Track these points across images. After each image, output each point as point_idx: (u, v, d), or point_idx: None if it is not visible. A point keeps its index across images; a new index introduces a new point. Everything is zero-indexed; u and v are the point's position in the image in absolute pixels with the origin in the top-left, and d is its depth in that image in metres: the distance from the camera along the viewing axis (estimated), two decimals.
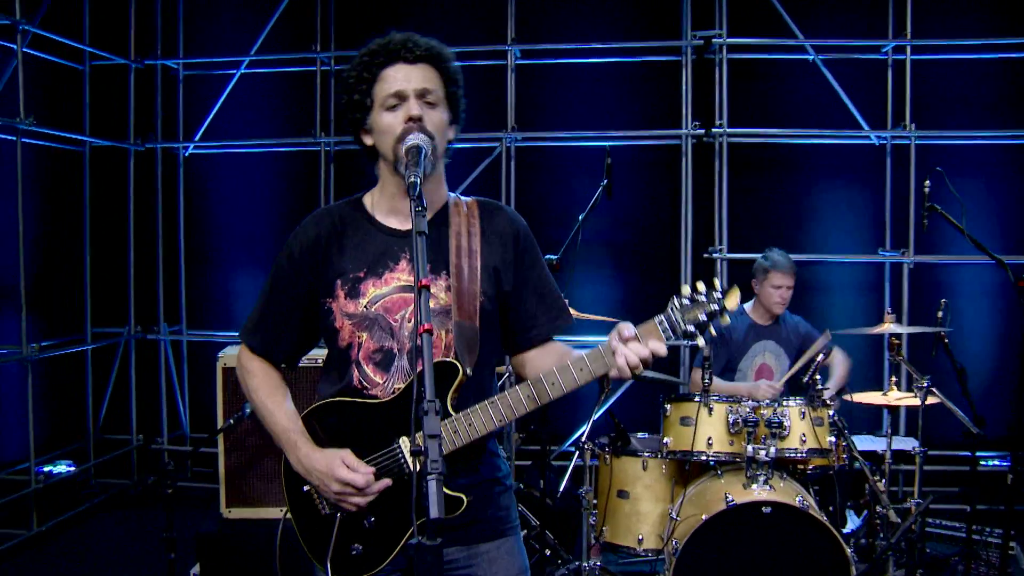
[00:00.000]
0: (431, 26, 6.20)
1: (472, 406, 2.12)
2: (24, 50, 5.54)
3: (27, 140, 5.56)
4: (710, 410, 4.14)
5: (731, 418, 4.09)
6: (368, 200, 2.32)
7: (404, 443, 2.13)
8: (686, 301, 2.07)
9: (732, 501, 3.79)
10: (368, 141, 2.25)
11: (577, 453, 4.42)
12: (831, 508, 4.42)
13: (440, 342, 2.19)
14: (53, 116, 5.98)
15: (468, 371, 2.16)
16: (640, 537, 4.39)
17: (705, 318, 2.05)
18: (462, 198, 2.36)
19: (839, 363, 4.95)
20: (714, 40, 5.88)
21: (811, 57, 5.89)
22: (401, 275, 2.22)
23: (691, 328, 2.05)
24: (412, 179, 2.00)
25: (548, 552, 4.71)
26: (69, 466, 6.12)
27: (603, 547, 4.58)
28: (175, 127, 6.67)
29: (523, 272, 2.31)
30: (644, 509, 4.42)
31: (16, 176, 5.34)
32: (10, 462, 5.62)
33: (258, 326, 2.34)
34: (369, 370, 2.21)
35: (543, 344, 2.34)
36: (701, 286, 2.08)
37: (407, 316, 2.20)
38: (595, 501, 4.54)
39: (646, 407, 5.38)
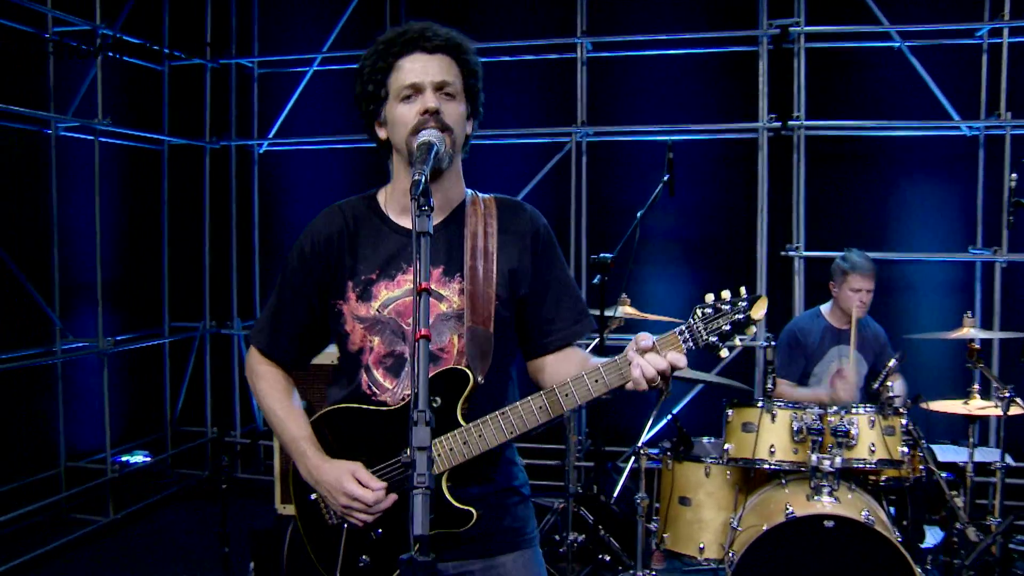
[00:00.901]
0: (500, 20, 6.24)
1: (484, 416, 2.02)
2: (108, 53, 5.73)
3: (105, 140, 5.74)
4: (773, 416, 3.95)
5: (795, 425, 3.89)
6: (382, 196, 2.24)
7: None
8: (709, 310, 1.95)
9: (792, 513, 3.60)
10: (382, 134, 2.17)
11: (633, 458, 4.26)
12: (905, 523, 4.18)
13: (452, 348, 2.10)
14: (133, 116, 6.16)
15: (480, 379, 2.06)
16: (701, 546, 4.23)
17: (729, 328, 1.92)
18: (480, 195, 2.26)
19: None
20: (791, 29, 5.62)
21: (897, 44, 5.56)
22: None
23: (714, 339, 1.93)
24: (416, 177, 1.88)
25: (608, 558, 4.60)
26: (146, 456, 6.30)
27: (664, 555, 4.45)
28: (250, 125, 6.79)
29: (541, 275, 2.20)
30: (706, 517, 4.25)
31: (94, 175, 5.52)
32: (89, 451, 5.80)
33: (267, 327, 2.27)
34: (379, 375, 2.13)
35: (560, 350, 2.21)
36: (726, 294, 1.95)
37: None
38: (657, 506, 4.42)
39: (713, 411, 5.18)
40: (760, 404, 3.97)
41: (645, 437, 4.37)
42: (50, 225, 5.40)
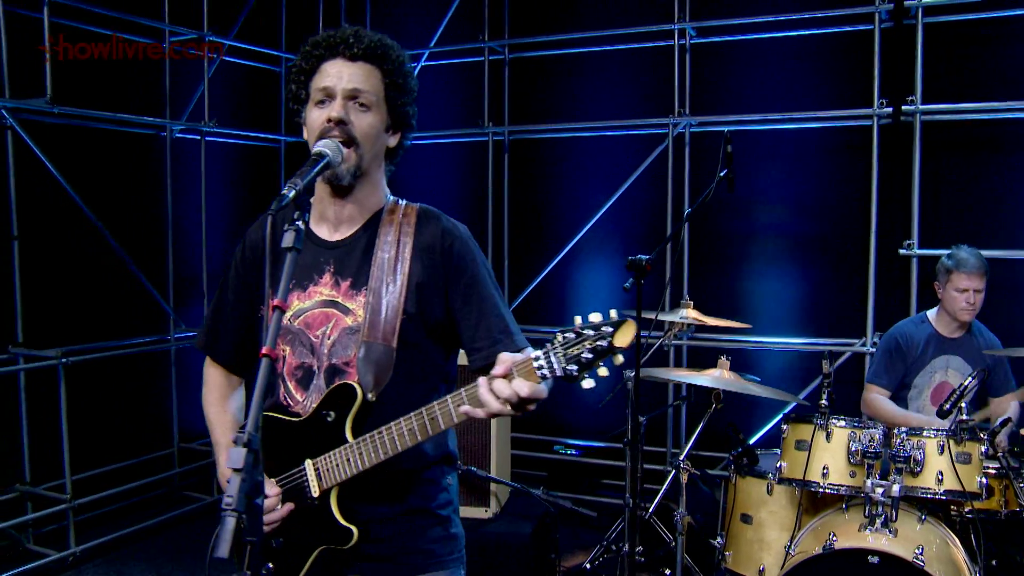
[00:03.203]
0: (597, 9, 6.05)
1: (368, 434, 1.96)
2: (225, 58, 6.09)
3: (212, 139, 6.09)
4: (828, 435, 3.61)
5: (853, 446, 3.54)
6: (312, 202, 2.20)
7: (308, 465, 2.03)
8: (571, 335, 1.73)
9: (830, 545, 3.29)
10: (306, 135, 2.13)
11: (672, 472, 4.03)
12: (995, 563, 3.72)
13: (356, 363, 2.05)
14: (251, 117, 6.50)
15: (370, 395, 2.00)
16: (762, 567, 3.96)
17: (591, 356, 1.70)
18: (403, 203, 2.18)
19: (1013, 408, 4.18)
20: (908, 3, 5.07)
21: None
22: (323, 289, 2.10)
23: (572, 368, 1.71)
24: (284, 191, 1.82)
25: (668, 571, 4.41)
26: None
27: (725, 574, 4.20)
28: None
29: (457, 293, 2.09)
30: (768, 537, 3.97)
31: (200, 173, 5.88)
32: (199, 434, 6.17)
33: (207, 329, 2.33)
34: (292, 386, 2.12)
35: (485, 369, 2.10)
36: (595, 317, 1.74)
37: (327, 333, 2.08)
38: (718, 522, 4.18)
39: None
40: (816, 421, 3.64)
41: (687, 449, 4.11)
42: (165, 221, 5.81)
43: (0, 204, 4.90)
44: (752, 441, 5.58)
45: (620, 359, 1.72)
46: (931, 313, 4.41)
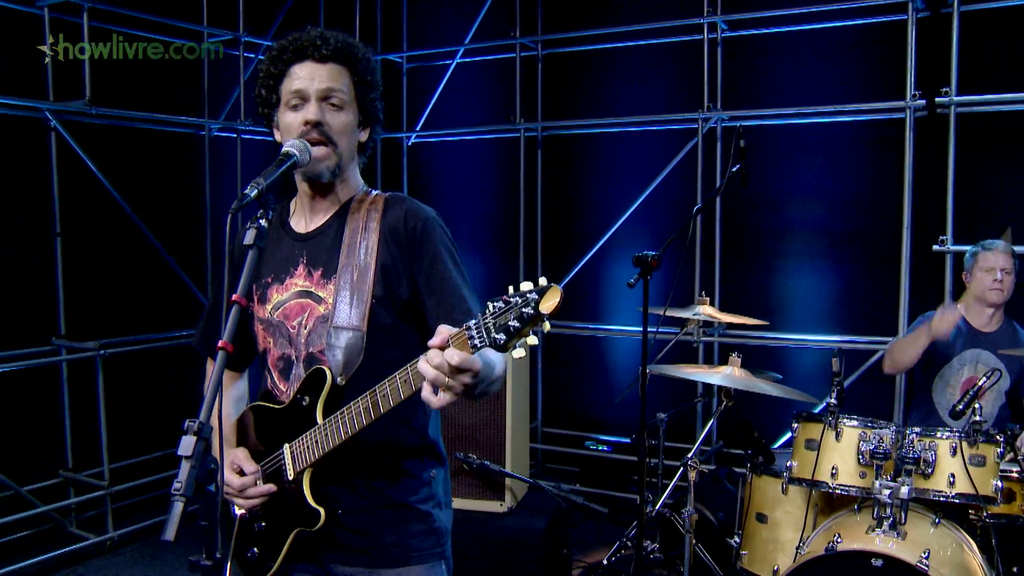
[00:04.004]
0: (632, 3, 6.00)
1: (333, 415, 2.01)
2: (261, 57, 6.21)
3: (248, 137, 6.23)
4: (838, 434, 3.54)
5: (863, 446, 3.47)
6: (294, 200, 2.29)
7: (286, 448, 2.10)
8: (500, 304, 1.69)
9: (833, 546, 3.23)
10: (278, 138, 2.20)
11: (681, 470, 4.00)
12: (1017, 569, 3.60)
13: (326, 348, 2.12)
14: None
15: (339, 380, 2.07)
16: (776, 568, 3.90)
17: (517, 324, 1.64)
18: (373, 193, 2.23)
19: None
20: None
21: None
22: (298, 280, 2.17)
23: (500, 337, 1.66)
24: (246, 189, 1.89)
25: (682, 570, 4.38)
26: None
27: (741, 574, 4.15)
28: (397, 118, 7.07)
29: (420, 273, 2.11)
30: (783, 537, 3.92)
31: (237, 171, 6.03)
32: None
33: (202, 330, 2.41)
34: (276, 377, 2.20)
35: None
36: (526, 286, 1.67)
37: (303, 323, 2.15)
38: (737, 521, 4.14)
39: None
40: (825, 420, 3.58)
41: (695, 447, 4.08)
42: (203, 218, 5.98)
43: (43, 202, 5.10)
44: (783, 441, 5.48)
45: (547, 326, 1.67)
46: (961, 306, 4.29)
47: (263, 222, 1.91)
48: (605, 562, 4.63)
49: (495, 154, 6.75)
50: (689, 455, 3.90)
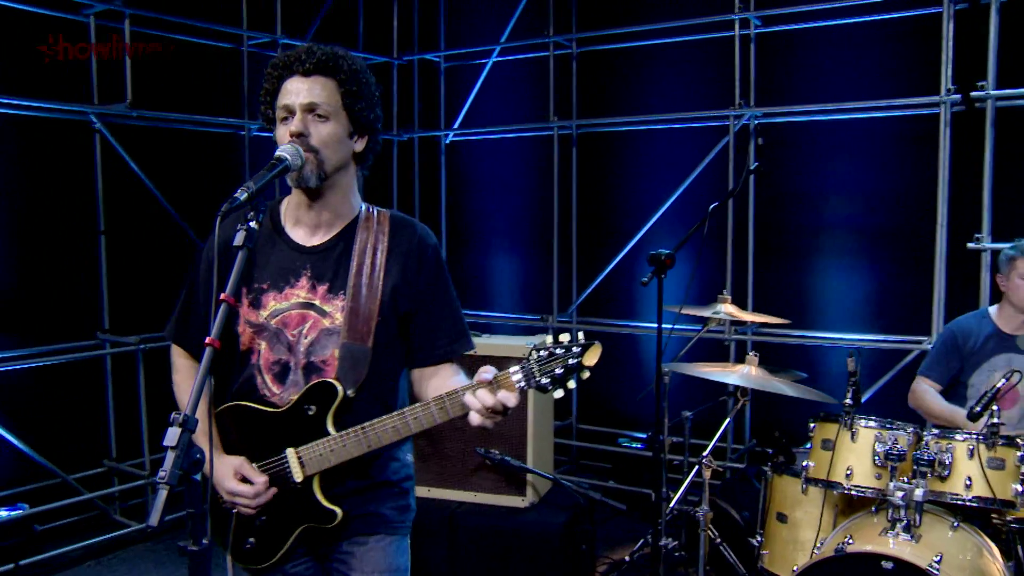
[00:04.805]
0: (665, 1, 5.98)
1: (351, 428, 2.15)
2: None
3: None
4: (853, 435, 3.50)
5: (879, 447, 3.42)
6: (284, 205, 2.36)
7: (291, 453, 2.19)
8: (544, 352, 1.98)
9: (842, 548, 3.20)
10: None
11: (696, 469, 3.99)
12: None
13: (333, 361, 2.22)
14: None
15: (350, 392, 2.19)
16: (795, 568, 3.84)
17: (562, 373, 1.97)
18: (376, 211, 2.33)
19: None
20: None
21: None
22: (300, 291, 2.25)
23: (545, 381, 1.98)
24: (236, 192, 2.00)
25: (709, 568, 4.37)
26: None
27: (761, 573, 4.13)
28: (434, 117, 7.14)
29: (425, 294, 2.28)
30: (803, 537, 3.89)
31: None
32: None
33: (177, 319, 2.44)
34: (269, 379, 2.27)
35: (436, 366, 2.31)
36: (564, 338, 1.99)
37: (304, 332, 2.24)
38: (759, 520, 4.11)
39: None
40: (840, 420, 3.54)
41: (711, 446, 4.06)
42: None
43: (88, 201, 5.30)
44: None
45: (586, 375, 1.97)
46: (992, 309, 4.18)
47: (253, 224, 2.01)
48: (628, 559, 4.65)
49: (530, 152, 6.79)
50: (705, 453, 3.89)
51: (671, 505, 4.11)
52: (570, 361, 1.95)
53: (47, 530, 5.04)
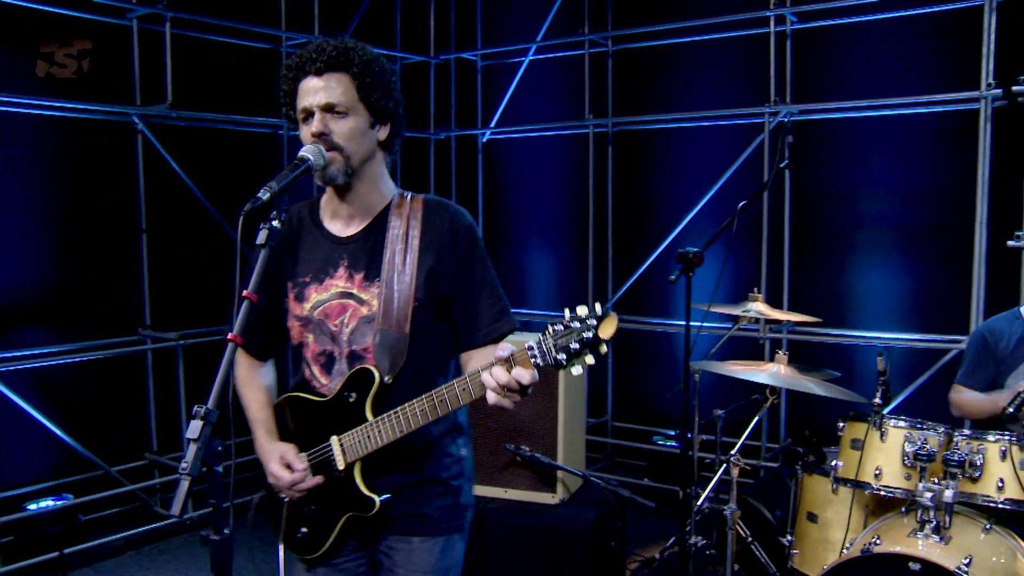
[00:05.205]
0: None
1: (385, 413, 2.17)
2: None
3: None
4: (882, 434, 3.47)
5: (908, 447, 3.38)
6: (323, 199, 2.40)
7: (334, 441, 2.24)
8: (560, 327, 1.89)
9: (869, 548, 3.17)
10: None
11: (723, 467, 3.97)
12: None
13: (373, 348, 2.25)
14: None
15: (387, 379, 2.21)
16: (825, 568, 3.84)
17: (577, 347, 1.86)
18: (409, 195, 2.34)
19: None
20: None
21: None
22: (339, 282, 2.30)
23: (561, 357, 1.88)
24: (259, 192, 2.03)
25: (737, 566, 4.34)
26: None
27: (790, 573, 4.10)
28: (474, 115, 7.18)
29: (462, 275, 2.27)
30: (833, 537, 3.86)
31: None
32: None
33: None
34: (316, 370, 2.33)
35: (482, 348, 2.29)
36: (582, 310, 1.89)
37: (345, 321, 2.28)
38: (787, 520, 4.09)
39: None
40: (869, 420, 3.50)
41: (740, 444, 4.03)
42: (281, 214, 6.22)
43: (130, 200, 5.43)
44: None
45: (604, 349, 1.88)
46: None
47: (276, 223, 2.04)
48: (658, 556, 4.64)
49: (566, 150, 6.79)
50: (733, 451, 3.87)
51: (699, 503, 4.09)
52: (585, 335, 1.86)
53: (90, 520, 5.18)
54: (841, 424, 3.67)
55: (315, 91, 2.18)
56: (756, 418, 3.93)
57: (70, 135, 5.28)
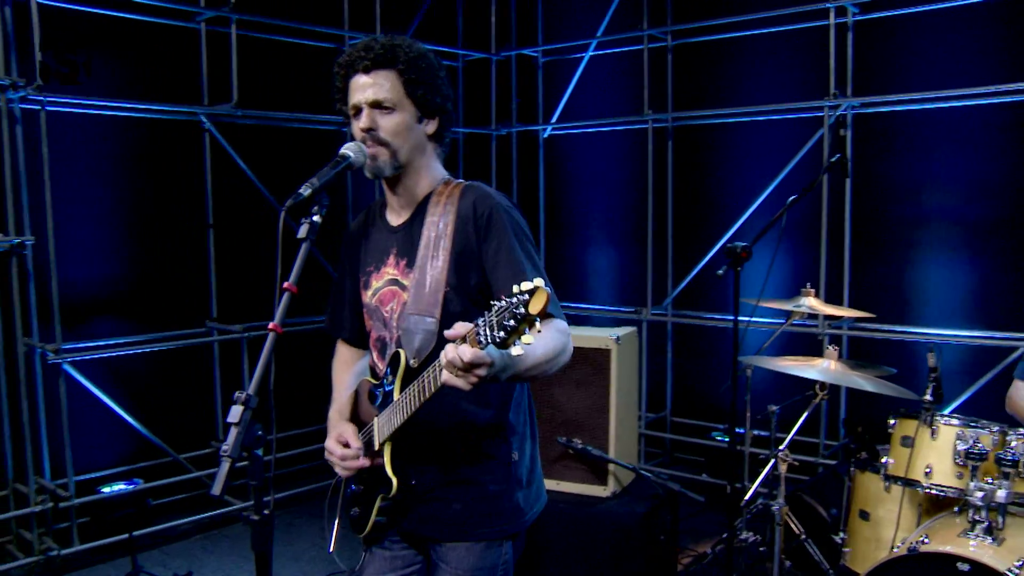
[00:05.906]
0: None
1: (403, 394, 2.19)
2: None
3: None
4: (933, 432, 3.41)
5: (959, 446, 3.31)
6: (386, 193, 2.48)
7: (375, 421, 2.31)
8: (502, 303, 1.74)
9: (916, 547, 3.12)
10: None
11: (772, 463, 3.93)
12: None
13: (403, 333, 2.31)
14: None
15: (412, 362, 2.23)
16: (872, 567, 3.79)
17: (512, 323, 1.70)
18: (453, 182, 2.37)
19: None
20: None
21: None
22: (390, 269, 2.37)
23: (500, 334, 1.72)
24: (300, 189, 2.10)
25: (789, 563, 4.31)
26: None
27: (842, 571, 4.05)
28: (535, 111, 7.22)
29: (488, 255, 2.22)
30: (885, 535, 3.81)
31: None
32: None
33: (329, 310, 2.64)
34: (375, 356, 2.44)
35: None
36: (527, 285, 1.73)
37: (394, 308, 2.35)
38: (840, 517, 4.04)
39: None
40: (920, 417, 3.44)
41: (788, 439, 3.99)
42: (345, 210, 6.38)
43: (198, 196, 5.64)
44: None
45: (538, 326, 1.73)
46: None
47: (316, 218, 2.11)
48: (710, 551, 4.63)
49: (626, 145, 6.79)
50: (782, 447, 3.84)
51: (746, 498, 4.07)
52: (518, 311, 1.70)
53: (159, 505, 5.40)
54: (892, 421, 3.62)
55: (363, 88, 2.25)
56: (805, 414, 3.87)
57: (143, 135, 5.50)
